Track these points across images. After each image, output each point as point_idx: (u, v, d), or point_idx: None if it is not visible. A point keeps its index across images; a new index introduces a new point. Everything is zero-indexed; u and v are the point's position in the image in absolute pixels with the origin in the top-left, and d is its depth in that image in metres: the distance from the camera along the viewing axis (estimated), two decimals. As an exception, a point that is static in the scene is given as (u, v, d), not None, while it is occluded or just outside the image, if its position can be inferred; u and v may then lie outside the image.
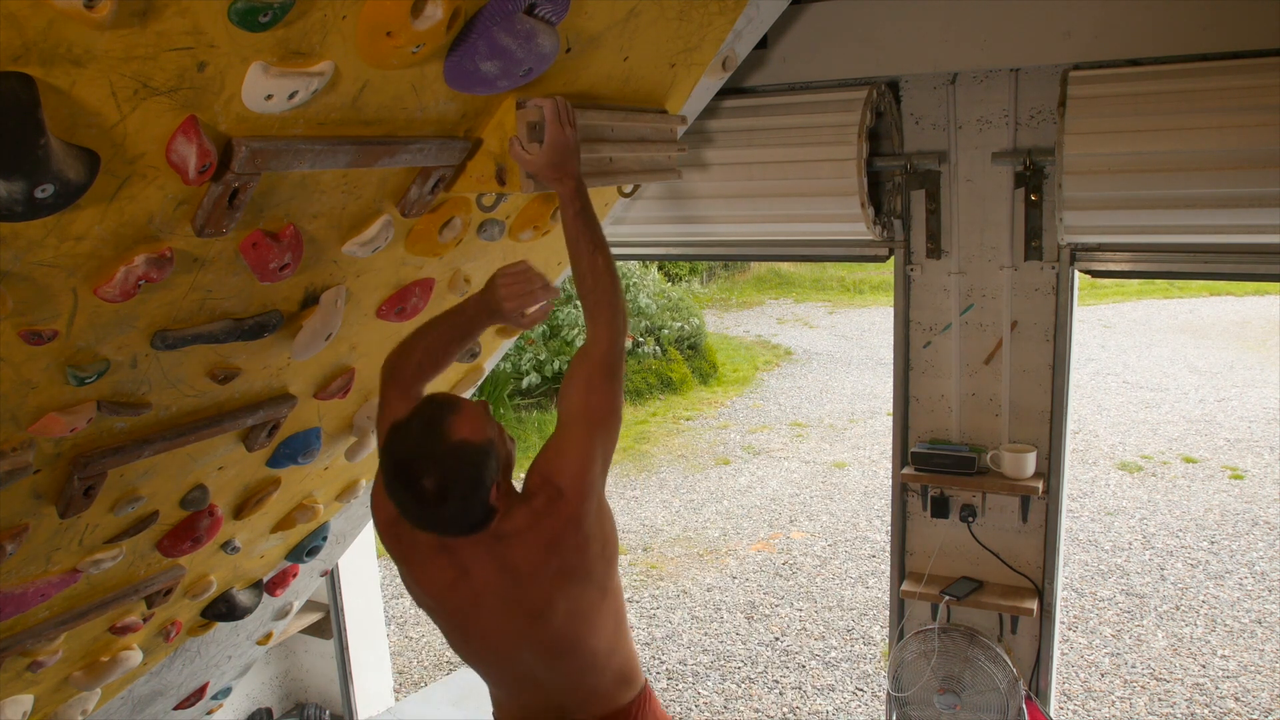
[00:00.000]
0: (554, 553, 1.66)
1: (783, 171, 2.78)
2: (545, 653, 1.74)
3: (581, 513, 1.66)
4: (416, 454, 1.54)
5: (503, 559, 1.65)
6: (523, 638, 1.71)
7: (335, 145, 1.33)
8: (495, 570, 1.66)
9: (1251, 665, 4.67)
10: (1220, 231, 2.43)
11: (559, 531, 1.65)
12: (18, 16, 0.89)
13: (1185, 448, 7.67)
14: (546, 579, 1.67)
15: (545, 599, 1.68)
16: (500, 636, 1.73)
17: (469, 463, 1.56)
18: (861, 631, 5.17)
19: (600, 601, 1.75)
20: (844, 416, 9.07)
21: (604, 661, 1.80)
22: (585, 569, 1.71)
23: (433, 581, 1.72)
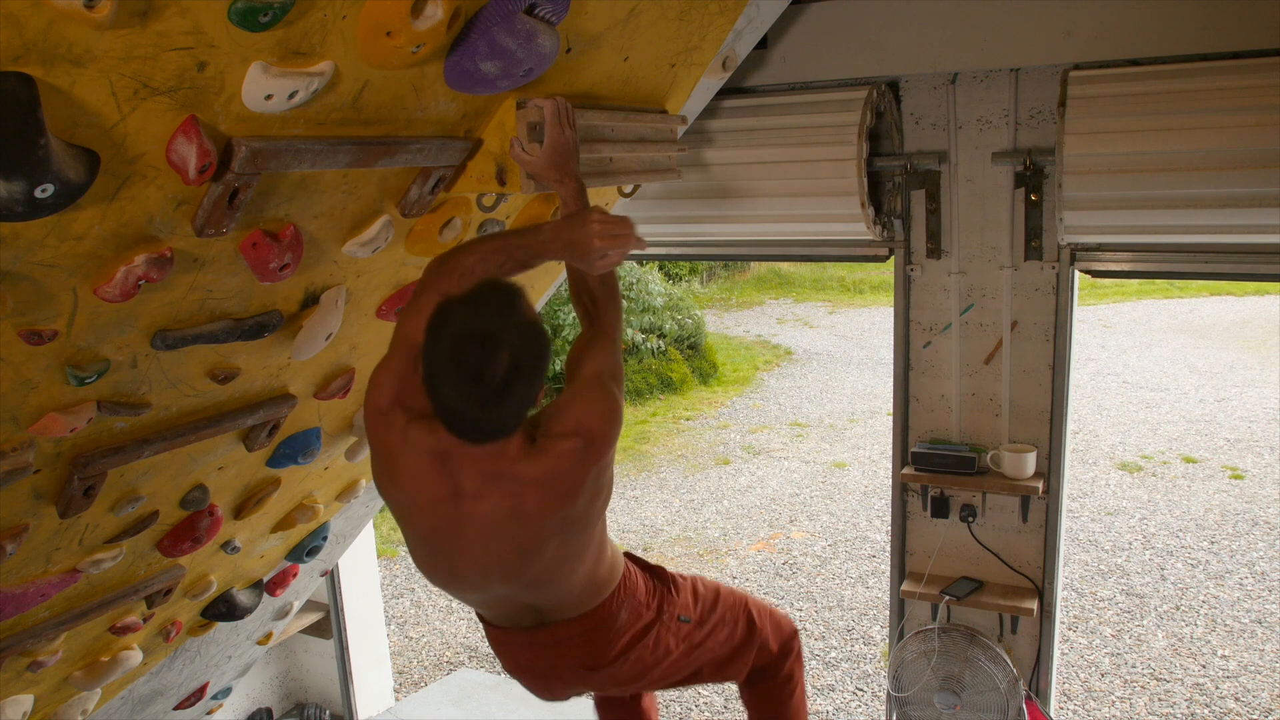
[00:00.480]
0: (566, 501, 1.60)
1: (783, 171, 2.78)
2: (522, 585, 1.71)
3: (603, 466, 1.63)
4: (494, 326, 1.40)
5: (513, 497, 1.57)
6: (502, 570, 1.66)
7: (335, 145, 1.33)
8: (498, 503, 1.57)
9: (1251, 665, 4.67)
10: (1220, 231, 2.43)
11: (578, 481, 1.60)
12: (18, 16, 0.89)
13: (1185, 448, 7.67)
14: (549, 524, 1.61)
15: (538, 542, 1.63)
16: (478, 565, 1.66)
17: (543, 347, 1.47)
18: (861, 631, 5.17)
19: (587, 545, 1.74)
20: (844, 416, 9.07)
21: (581, 585, 1.80)
22: (586, 520, 1.67)
23: (419, 491, 1.60)
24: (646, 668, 1.96)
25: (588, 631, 1.86)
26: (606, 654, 1.90)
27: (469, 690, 4.35)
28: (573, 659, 1.90)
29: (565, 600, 1.81)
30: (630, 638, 1.91)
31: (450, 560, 1.67)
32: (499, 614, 1.88)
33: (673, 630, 1.97)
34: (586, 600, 1.84)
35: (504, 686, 4.46)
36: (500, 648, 1.96)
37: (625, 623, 1.90)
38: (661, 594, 1.97)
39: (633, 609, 1.90)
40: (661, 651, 1.96)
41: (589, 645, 1.89)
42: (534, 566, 1.66)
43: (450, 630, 5.45)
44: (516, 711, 4.15)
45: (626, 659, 1.92)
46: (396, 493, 1.63)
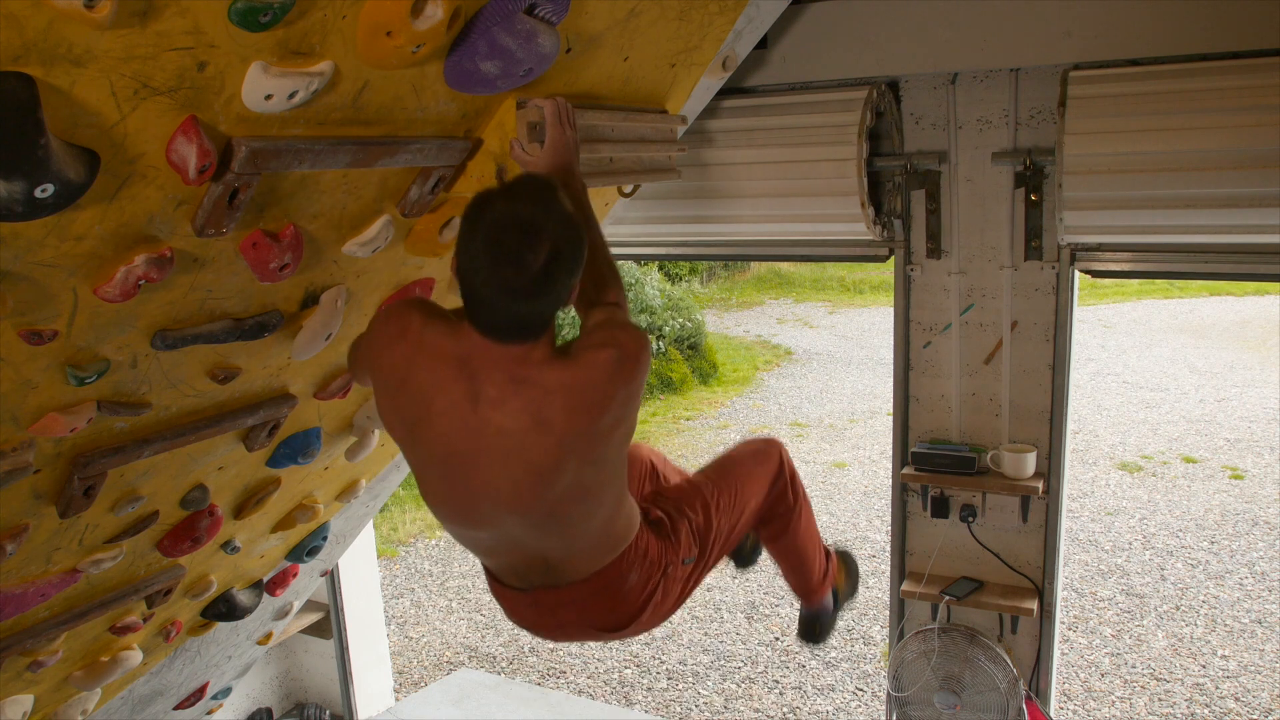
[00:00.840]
0: (591, 415, 1.52)
1: (783, 171, 2.78)
2: (536, 521, 1.62)
3: (631, 391, 1.55)
4: (536, 214, 1.37)
5: (535, 404, 1.49)
6: (517, 495, 1.57)
7: (335, 145, 1.33)
8: (520, 410, 1.49)
9: (1251, 665, 4.67)
10: (1220, 231, 2.43)
11: (607, 396, 1.52)
12: (18, 16, 0.89)
13: (1185, 448, 7.67)
14: (570, 440, 1.52)
15: (557, 460, 1.53)
16: (492, 488, 1.57)
17: (581, 242, 1.43)
18: (861, 631, 5.17)
19: (606, 484, 1.66)
20: (844, 416, 9.07)
21: (596, 533, 1.72)
22: (607, 448, 1.59)
23: (433, 398, 1.52)
24: (660, 618, 1.92)
25: (598, 594, 1.78)
26: (618, 618, 1.84)
27: (469, 690, 4.35)
28: (582, 620, 1.83)
29: (577, 551, 1.72)
30: (642, 600, 1.84)
31: (465, 482, 1.57)
32: (507, 565, 1.78)
33: (678, 576, 1.90)
34: (598, 556, 1.75)
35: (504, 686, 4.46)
36: (504, 602, 1.88)
37: (636, 585, 1.81)
38: (667, 548, 1.88)
39: (644, 571, 1.82)
40: (671, 600, 1.90)
41: (599, 608, 1.81)
42: (550, 491, 1.57)
43: (450, 630, 5.45)
44: (516, 711, 4.16)
45: (640, 621, 1.86)
46: (409, 407, 1.54)
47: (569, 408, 1.50)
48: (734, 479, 2.06)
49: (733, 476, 2.07)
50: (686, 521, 1.94)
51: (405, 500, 7.11)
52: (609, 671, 4.95)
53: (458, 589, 5.92)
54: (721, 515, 1.99)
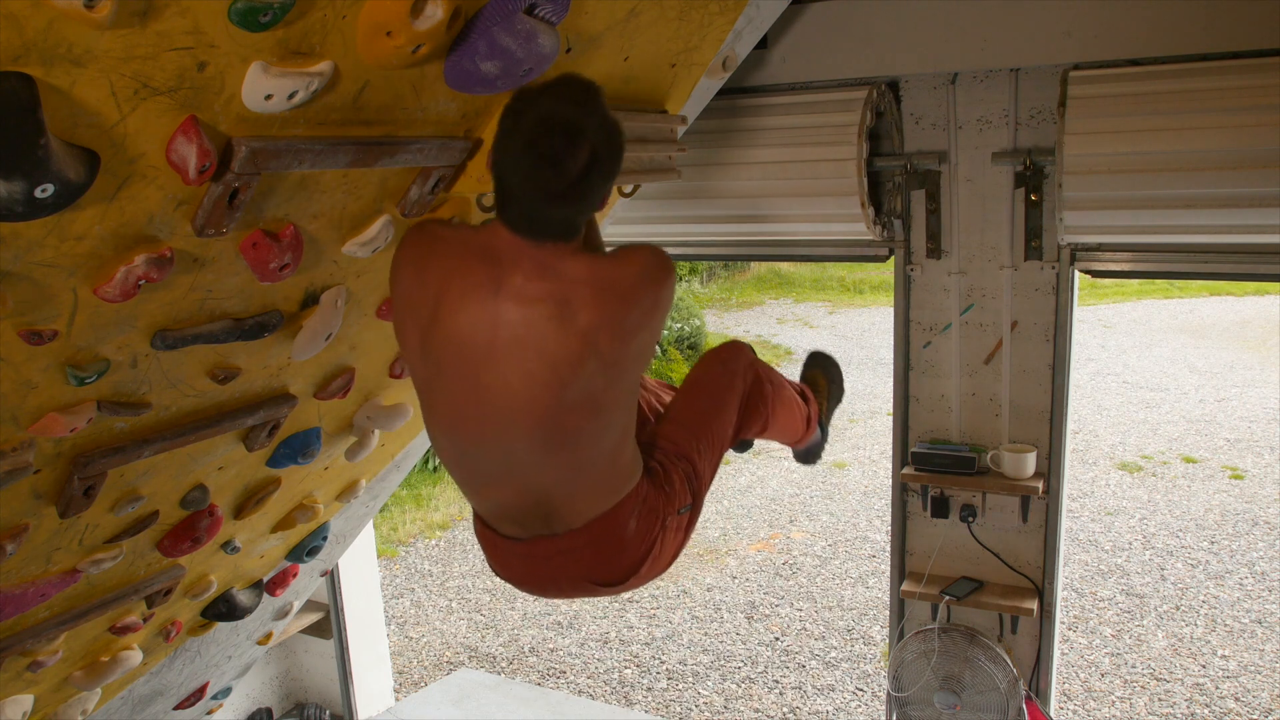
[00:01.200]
0: (615, 315, 1.50)
1: (783, 171, 2.78)
2: (544, 435, 1.55)
3: (657, 304, 1.54)
4: (579, 116, 1.37)
5: (561, 294, 1.47)
6: (529, 400, 1.51)
7: (335, 145, 1.33)
8: (544, 299, 1.47)
9: (1251, 665, 4.67)
10: (1220, 231, 2.43)
11: (633, 299, 1.51)
12: (18, 16, 0.89)
13: (1185, 448, 7.67)
14: (591, 339, 1.48)
15: (576, 360, 1.49)
16: (506, 391, 1.51)
17: (620, 146, 1.43)
18: (861, 631, 5.17)
19: (617, 405, 1.60)
20: (844, 416, 9.07)
21: (604, 465, 1.65)
22: (624, 364, 1.55)
23: (453, 283, 1.49)
24: (655, 572, 1.83)
25: (596, 542, 1.70)
26: (617, 570, 1.76)
27: (469, 690, 4.35)
28: (579, 572, 1.74)
29: (580, 488, 1.65)
30: (641, 552, 1.76)
31: (476, 380, 1.51)
32: (503, 506, 1.69)
33: (674, 527, 1.82)
34: (600, 496, 1.67)
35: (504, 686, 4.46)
36: (494, 554, 1.79)
37: (635, 534, 1.73)
38: (663, 499, 1.79)
39: (643, 518, 1.74)
40: (668, 553, 1.82)
41: (598, 559, 1.73)
42: (565, 393, 1.51)
43: (450, 630, 5.45)
44: (516, 711, 4.16)
45: (639, 575, 1.78)
46: (424, 303, 1.50)
47: (595, 299, 1.48)
48: (710, 418, 1.96)
49: (709, 416, 1.96)
50: (678, 470, 1.85)
51: (405, 500, 7.11)
52: (609, 671, 4.95)
53: (458, 589, 5.92)
54: (705, 459, 1.91)
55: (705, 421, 1.94)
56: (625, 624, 5.39)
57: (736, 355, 2.05)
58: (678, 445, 1.87)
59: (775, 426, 2.17)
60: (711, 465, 1.93)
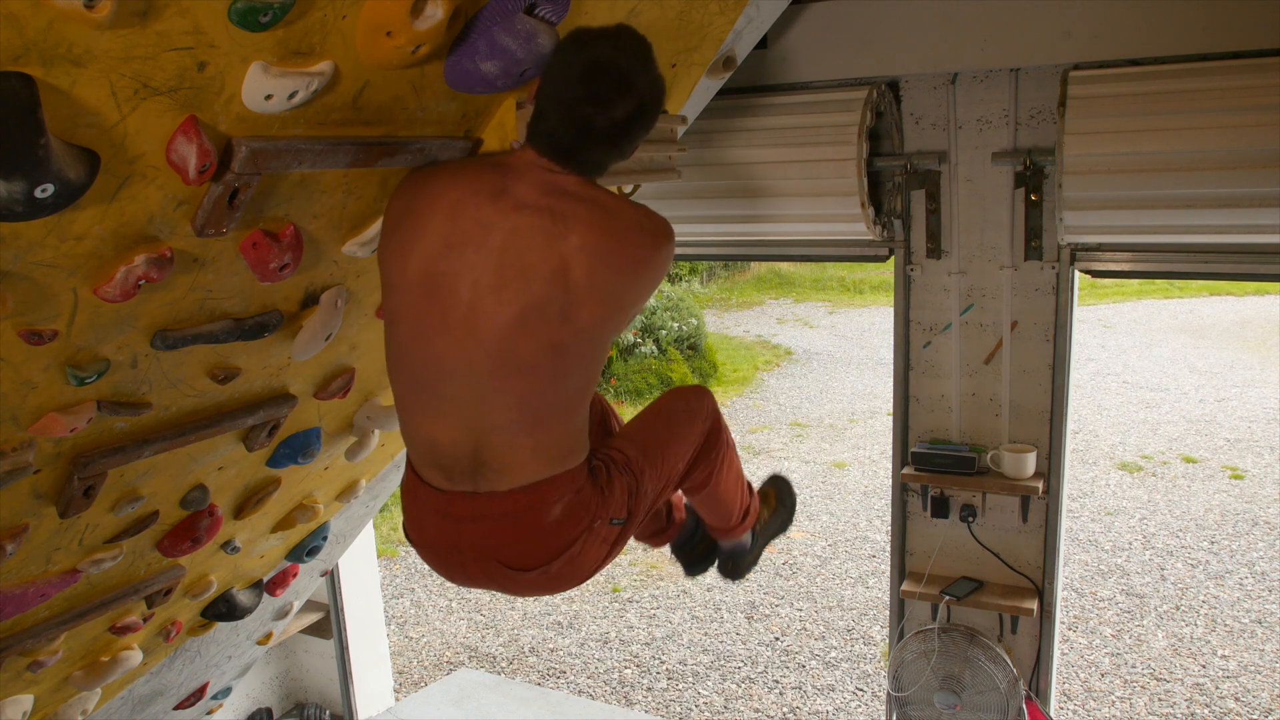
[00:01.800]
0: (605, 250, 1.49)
1: (783, 171, 2.78)
2: (498, 358, 1.51)
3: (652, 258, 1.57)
4: (635, 67, 1.46)
5: (558, 208, 1.48)
6: (489, 323, 1.48)
7: (335, 145, 1.33)
8: (541, 209, 1.47)
9: (1251, 665, 4.67)
10: (1220, 231, 2.43)
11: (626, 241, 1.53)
12: (18, 16, 0.89)
13: (1185, 448, 7.67)
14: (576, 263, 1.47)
15: (553, 271, 1.47)
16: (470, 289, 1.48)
17: (660, 106, 1.52)
18: (861, 631, 5.17)
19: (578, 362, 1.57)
20: (844, 416, 9.07)
21: (546, 419, 1.59)
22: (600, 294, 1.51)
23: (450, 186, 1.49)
24: (567, 581, 1.74)
25: (514, 516, 1.61)
26: (528, 554, 1.65)
27: (469, 690, 4.35)
28: (489, 545, 1.65)
29: (517, 444, 1.58)
30: (559, 543, 1.66)
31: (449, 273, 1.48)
32: (436, 443, 1.61)
33: (601, 536, 1.72)
34: (534, 465, 1.59)
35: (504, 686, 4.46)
36: (413, 508, 1.71)
37: (557, 522, 1.63)
38: (598, 500, 1.69)
39: (569, 508, 1.64)
40: (587, 562, 1.73)
41: (512, 536, 1.63)
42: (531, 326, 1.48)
43: (450, 630, 5.45)
44: (516, 711, 4.16)
45: (548, 571, 1.68)
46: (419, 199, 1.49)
47: (589, 224, 1.50)
48: (665, 443, 1.89)
49: (664, 441, 1.90)
50: (623, 480, 1.77)
51: (405, 500, 7.10)
52: (609, 671, 4.95)
53: (458, 589, 5.92)
54: (650, 481, 1.84)
55: (659, 445, 1.89)
56: (625, 624, 5.40)
57: (701, 397, 2.02)
58: (627, 458, 1.80)
59: (718, 487, 2.08)
60: (654, 491, 1.85)
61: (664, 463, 1.87)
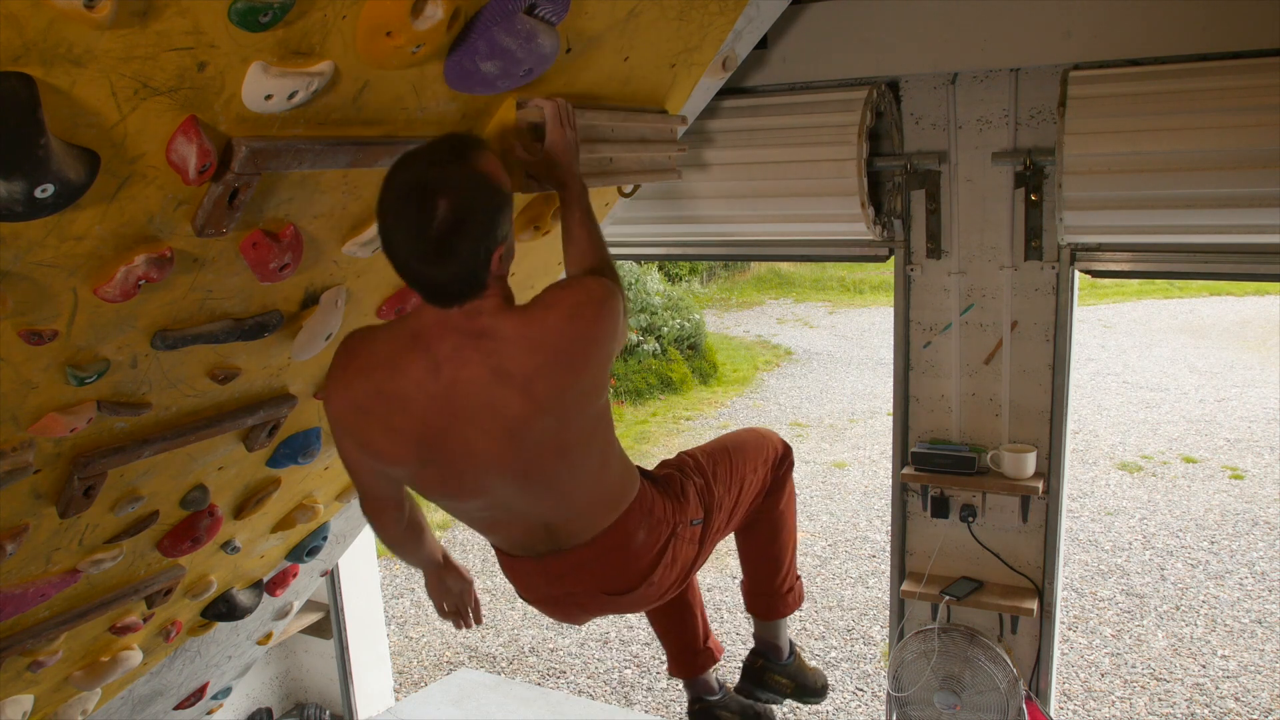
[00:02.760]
0: (554, 365, 1.50)
1: (783, 171, 2.78)
2: (520, 481, 1.60)
3: (597, 337, 1.52)
4: (439, 175, 1.35)
5: (493, 355, 1.48)
6: (497, 457, 1.55)
7: (335, 145, 1.33)
8: (479, 364, 1.48)
9: (1251, 665, 4.67)
10: (1220, 231, 2.43)
11: (567, 343, 1.50)
12: (18, 16, 0.89)
13: (1185, 448, 7.67)
14: (535, 391, 1.49)
15: (527, 414, 1.51)
16: (472, 452, 1.55)
17: (492, 198, 1.40)
18: (861, 631, 5.17)
19: (587, 440, 1.63)
20: (844, 416, 9.07)
21: (589, 492, 1.70)
22: (578, 400, 1.56)
23: (399, 382, 1.50)
24: (671, 584, 1.87)
25: (605, 554, 1.75)
26: (628, 579, 1.80)
27: (469, 690, 4.35)
28: (592, 585, 1.79)
29: (575, 512, 1.70)
30: (650, 559, 1.80)
31: (445, 452, 1.55)
32: (512, 537, 1.77)
33: (687, 538, 1.87)
34: (600, 516, 1.73)
35: (504, 686, 4.46)
36: (515, 576, 1.85)
37: (644, 544, 1.77)
38: (674, 508, 1.85)
39: (651, 528, 1.78)
40: (681, 564, 1.87)
41: (608, 570, 1.77)
42: (525, 446, 1.54)
43: (450, 630, 5.45)
44: (516, 711, 4.16)
45: (651, 582, 1.82)
46: (380, 403, 1.51)
47: (526, 355, 1.48)
48: (732, 454, 2.04)
49: (731, 452, 2.04)
50: (693, 483, 1.91)
51: (405, 500, 7.10)
52: (609, 671, 4.95)
53: (458, 589, 5.92)
54: (721, 487, 1.97)
55: (727, 453, 2.04)
56: (625, 624, 5.39)
57: (771, 432, 2.18)
58: (697, 463, 1.96)
59: (779, 531, 2.22)
60: (726, 498, 1.99)
61: (732, 471, 2.01)
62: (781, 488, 2.18)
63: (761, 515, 2.18)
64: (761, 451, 2.10)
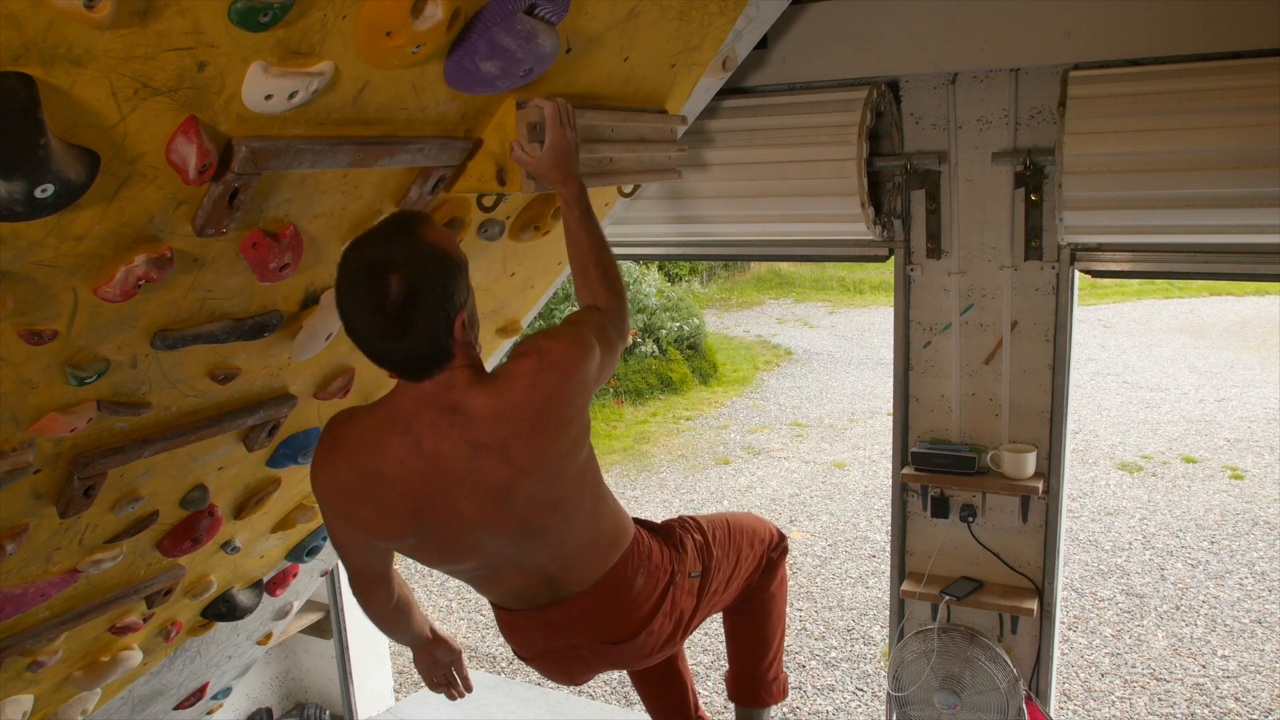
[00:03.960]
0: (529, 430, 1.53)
1: (783, 171, 2.78)
2: (514, 537, 1.64)
3: (568, 393, 1.54)
4: (385, 252, 1.37)
5: (468, 429, 1.50)
6: (488, 518, 1.59)
7: (335, 145, 1.33)
8: (457, 439, 1.51)
9: (1251, 665, 4.67)
10: (1220, 231, 2.43)
11: (538, 406, 1.52)
12: (18, 16, 0.89)
13: (1185, 448, 7.67)
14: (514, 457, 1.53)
15: (510, 479, 1.55)
16: (463, 519, 1.58)
17: (443, 267, 1.40)
18: (861, 631, 5.17)
19: (576, 492, 1.67)
20: (844, 416, 9.07)
21: (583, 540, 1.73)
22: (560, 457, 1.59)
23: (385, 464, 1.52)
24: (668, 635, 1.90)
25: (605, 602, 1.79)
26: (628, 625, 1.83)
27: (469, 690, 4.34)
28: (592, 634, 1.83)
29: (572, 559, 1.74)
30: (650, 606, 1.84)
31: (439, 522, 1.58)
32: (512, 591, 1.79)
33: (685, 588, 1.91)
34: (597, 563, 1.77)
35: (504, 686, 4.46)
36: (515, 633, 1.88)
37: (643, 590, 1.82)
38: (672, 556, 1.89)
39: (649, 574, 1.83)
40: (678, 615, 1.90)
41: (609, 617, 1.81)
42: (514, 508, 1.58)
43: (450, 630, 5.45)
44: (516, 711, 4.16)
45: (650, 630, 1.85)
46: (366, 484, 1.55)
47: (500, 427, 1.51)
48: (731, 525, 2.11)
49: (730, 522, 2.12)
50: (691, 538, 1.97)
51: (405, 500, 7.10)
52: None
53: (458, 589, 5.92)
54: (719, 547, 2.03)
55: (726, 525, 2.10)
56: (625, 624, 5.39)
57: (768, 520, 2.24)
58: (697, 524, 2.03)
59: (768, 614, 2.24)
60: (724, 562, 2.03)
61: (730, 538, 2.07)
62: (774, 570, 2.21)
63: (753, 595, 2.21)
64: (758, 531, 2.16)
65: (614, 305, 1.74)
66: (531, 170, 1.66)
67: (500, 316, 2.45)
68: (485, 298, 2.25)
